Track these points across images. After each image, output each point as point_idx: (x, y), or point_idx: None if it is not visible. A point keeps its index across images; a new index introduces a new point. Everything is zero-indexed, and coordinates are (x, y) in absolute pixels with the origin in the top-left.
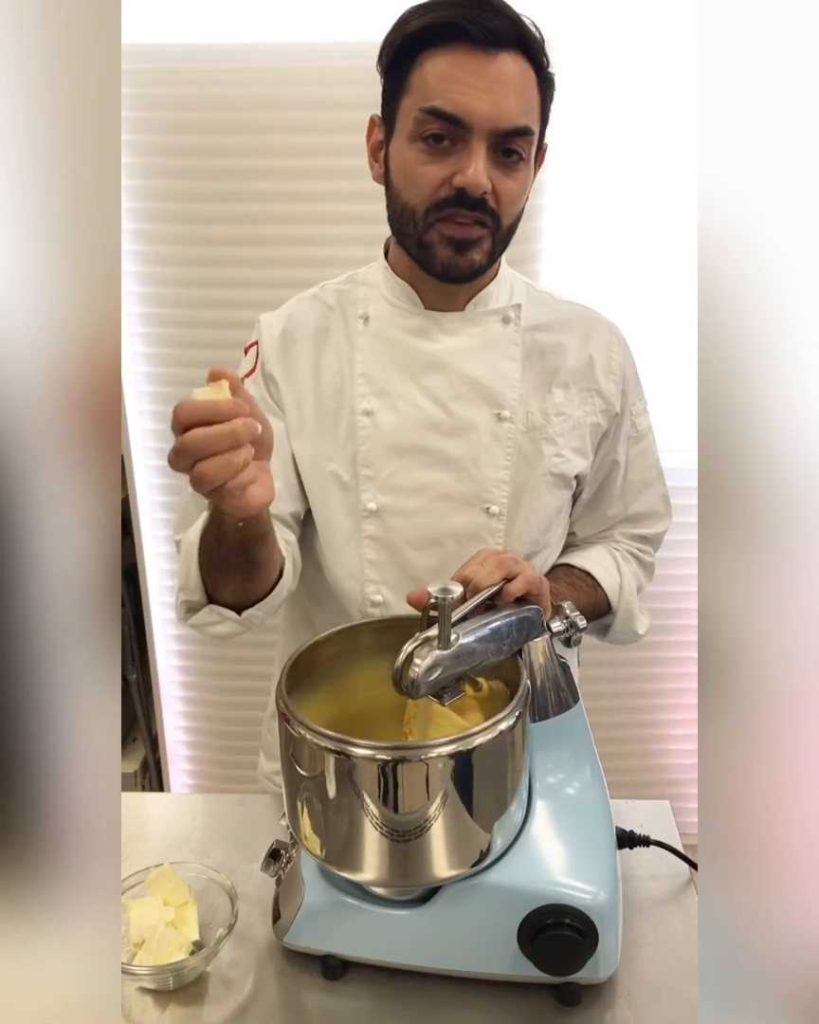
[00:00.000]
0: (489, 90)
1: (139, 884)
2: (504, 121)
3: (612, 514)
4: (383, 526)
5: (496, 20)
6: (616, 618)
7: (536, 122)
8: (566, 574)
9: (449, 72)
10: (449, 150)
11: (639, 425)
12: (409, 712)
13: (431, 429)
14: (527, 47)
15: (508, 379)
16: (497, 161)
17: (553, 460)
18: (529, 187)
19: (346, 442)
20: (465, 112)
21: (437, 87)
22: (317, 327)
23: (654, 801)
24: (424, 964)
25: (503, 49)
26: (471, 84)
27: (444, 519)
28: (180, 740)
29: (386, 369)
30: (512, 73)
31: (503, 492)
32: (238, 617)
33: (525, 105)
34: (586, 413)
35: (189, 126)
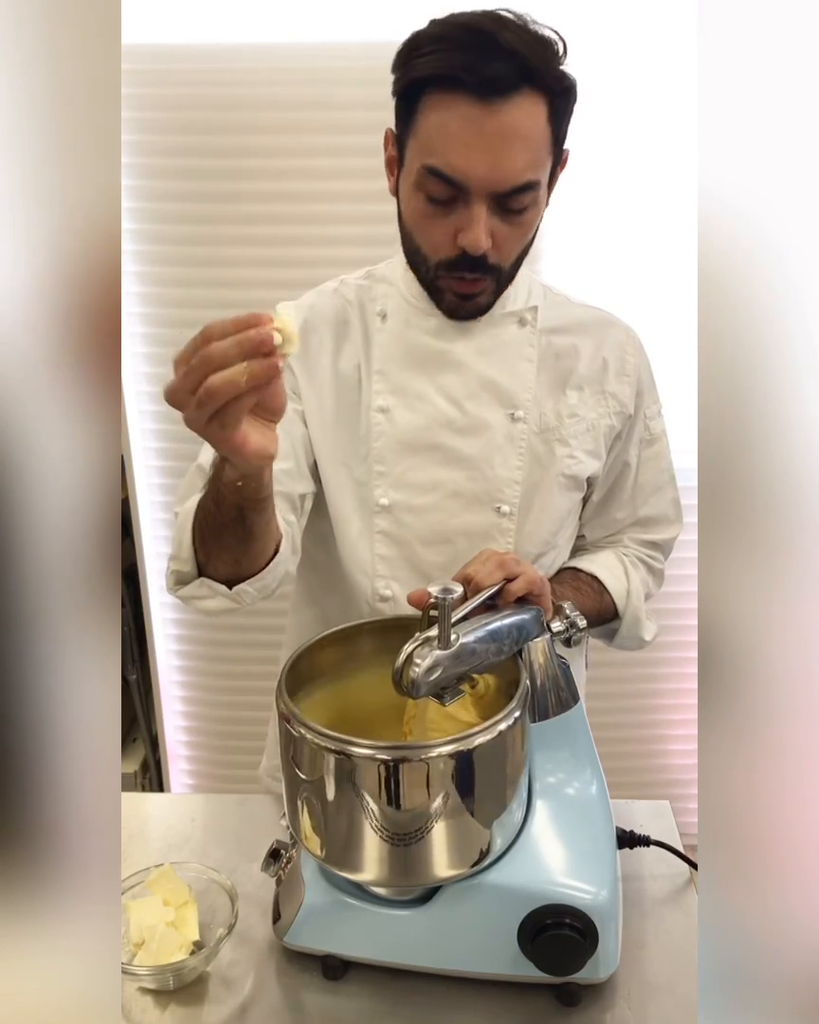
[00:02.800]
0: (488, 148)
1: (139, 884)
2: (504, 183)
3: (621, 517)
4: (394, 522)
5: (499, 65)
6: (622, 624)
7: (543, 170)
8: (572, 578)
9: (448, 127)
10: (451, 207)
11: (652, 428)
12: (409, 712)
13: (445, 427)
14: (540, 83)
15: (523, 380)
16: (501, 215)
17: (566, 461)
18: (540, 218)
19: (362, 437)
20: (463, 175)
21: (436, 143)
22: (337, 319)
23: (654, 801)
24: (424, 964)
25: (508, 96)
26: (469, 143)
27: (455, 517)
28: (180, 740)
29: (402, 367)
30: (516, 124)
31: (515, 492)
32: (229, 592)
33: (530, 158)
34: (600, 415)
35: (189, 126)
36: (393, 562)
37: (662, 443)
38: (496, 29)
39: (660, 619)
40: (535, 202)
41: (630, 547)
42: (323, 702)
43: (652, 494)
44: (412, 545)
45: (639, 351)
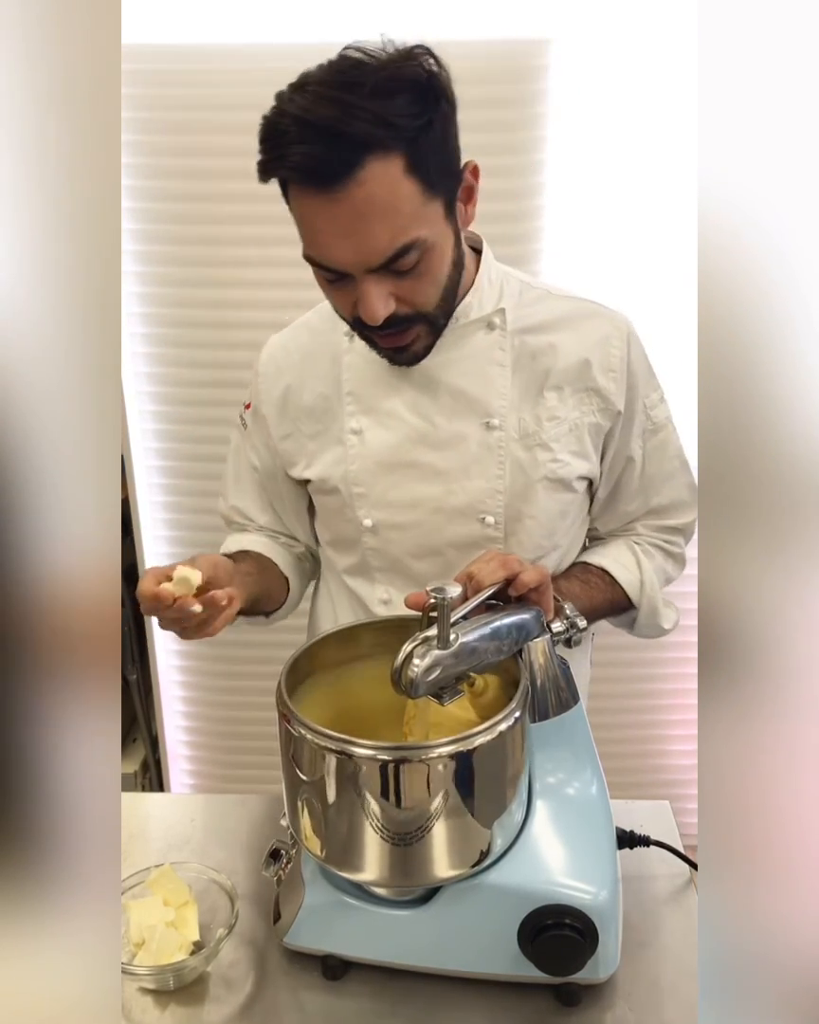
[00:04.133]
0: (346, 233)
1: (139, 884)
2: (374, 258)
3: (631, 510)
4: (382, 540)
5: (333, 151)
6: (640, 614)
7: (419, 223)
8: (581, 572)
9: (307, 220)
10: (344, 282)
11: (655, 417)
12: (409, 712)
13: (419, 443)
14: (387, 145)
15: (496, 387)
16: (395, 277)
17: (549, 466)
18: (449, 253)
19: (339, 461)
20: (334, 261)
21: (305, 235)
22: (304, 356)
23: (654, 801)
24: (424, 964)
25: (349, 178)
26: (328, 232)
27: (440, 531)
28: (180, 740)
29: (372, 387)
30: (369, 199)
31: (497, 502)
32: (266, 620)
33: (397, 224)
34: (583, 414)
35: (189, 126)
36: (387, 572)
37: (668, 430)
38: (325, 114)
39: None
40: (428, 251)
41: (643, 535)
42: (323, 702)
43: (664, 483)
44: (403, 559)
45: (626, 342)
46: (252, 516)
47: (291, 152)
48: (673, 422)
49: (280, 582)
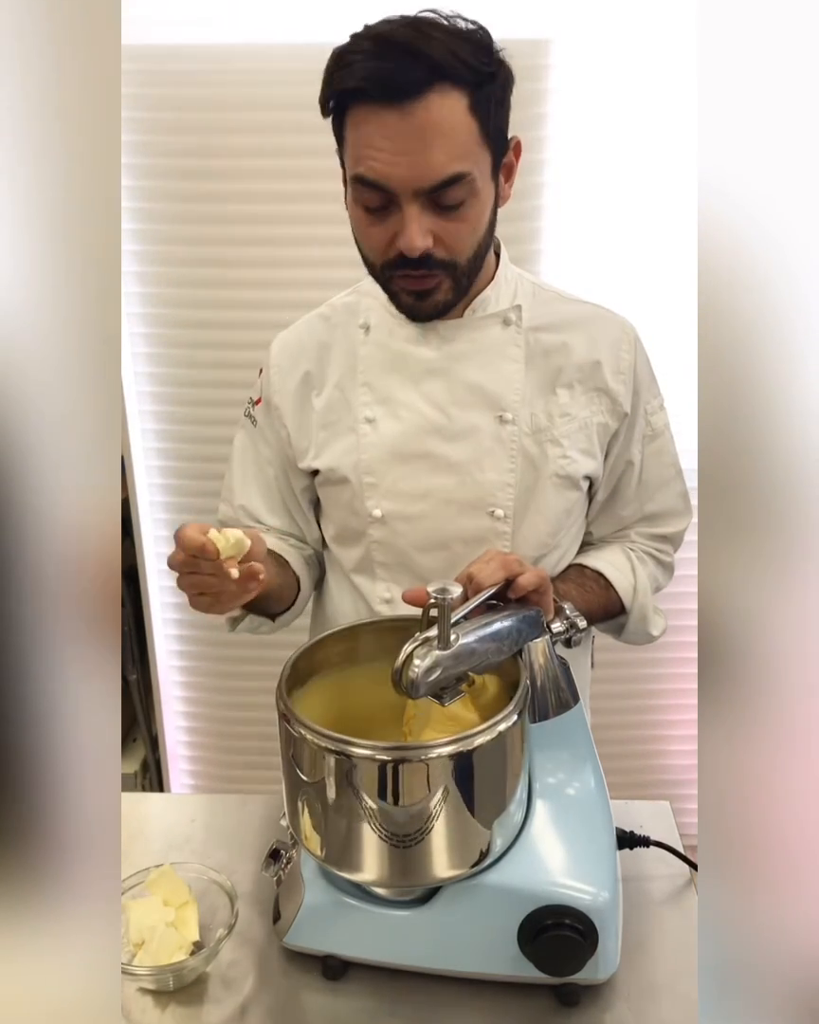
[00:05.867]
0: (406, 149)
1: (139, 884)
2: (427, 179)
3: (627, 514)
4: (389, 531)
5: (408, 69)
6: (630, 619)
7: (472, 161)
8: (577, 575)
9: (367, 136)
10: (387, 213)
11: (654, 424)
12: (409, 712)
13: (432, 434)
14: (455, 77)
15: (510, 382)
16: (438, 212)
17: (559, 462)
18: (489, 209)
19: (351, 450)
20: (385, 178)
21: (360, 153)
22: (319, 346)
23: (654, 801)
24: (424, 964)
25: (419, 96)
26: (387, 148)
27: (449, 523)
28: (180, 740)
29: (386, 377)
30: (432, 121)
31: (508, 495)
32: (273, 622)
33: (452, 151)
34: (592, 413)
35: (189, 126)
36: (391, 567)
37: (665, 437)
38: (404, 34)
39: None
40: (473, 194)
41: (637, 542)
42: (323, 702)
43: (658, 490)
44: (408, 553)
45: (635, 346)
46: (261, 517)
47: (367, 66)
48: (670, 430)
49: (293, 581)
